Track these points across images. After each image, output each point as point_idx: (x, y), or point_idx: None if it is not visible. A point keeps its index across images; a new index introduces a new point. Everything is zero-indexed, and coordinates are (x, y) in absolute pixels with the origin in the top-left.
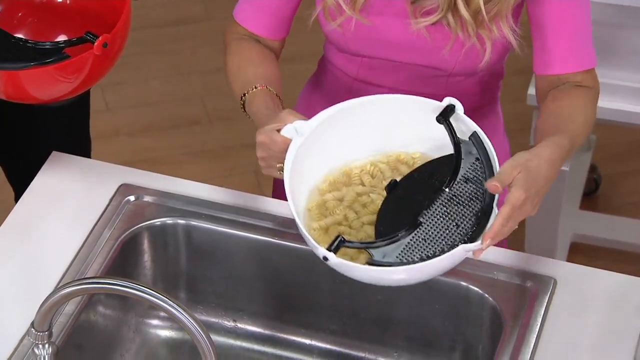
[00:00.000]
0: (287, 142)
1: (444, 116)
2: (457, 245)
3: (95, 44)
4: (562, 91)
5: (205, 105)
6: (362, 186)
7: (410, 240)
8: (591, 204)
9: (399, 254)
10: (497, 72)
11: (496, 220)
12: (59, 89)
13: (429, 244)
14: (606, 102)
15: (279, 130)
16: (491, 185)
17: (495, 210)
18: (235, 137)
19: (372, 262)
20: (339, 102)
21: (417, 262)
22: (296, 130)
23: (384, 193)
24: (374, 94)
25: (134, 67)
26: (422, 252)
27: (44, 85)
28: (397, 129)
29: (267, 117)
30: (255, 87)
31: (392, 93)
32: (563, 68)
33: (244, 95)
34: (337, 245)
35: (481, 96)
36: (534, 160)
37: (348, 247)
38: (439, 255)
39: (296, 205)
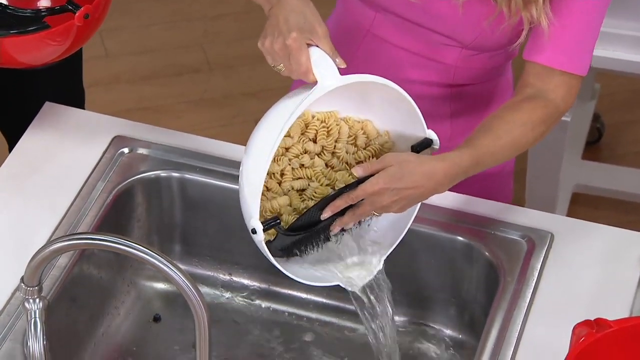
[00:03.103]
0: (307, 67)
1: (420, 147)
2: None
3: (77, 14)
4: (523, 101)
5: (205, 52)
6: (312, 147)
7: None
8: (594, 154)
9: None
10: (510, 52)
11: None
12: (43, 54)
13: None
14: (610, 52)
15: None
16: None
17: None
18: (236, 86)
19: (269, 241)
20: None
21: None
22: (323, 83)
23: (330, 161)
24: (385, 51)
25: (134, 13)
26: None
27: (27, 52)
28: (383, 112)
29: (297, 15)
30: None
31: (402, 52)
32: (552, 59)
33: None
34: (270, 225)
35: (489, 72)
36: (413, 162)
37: (278, 230)
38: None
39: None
